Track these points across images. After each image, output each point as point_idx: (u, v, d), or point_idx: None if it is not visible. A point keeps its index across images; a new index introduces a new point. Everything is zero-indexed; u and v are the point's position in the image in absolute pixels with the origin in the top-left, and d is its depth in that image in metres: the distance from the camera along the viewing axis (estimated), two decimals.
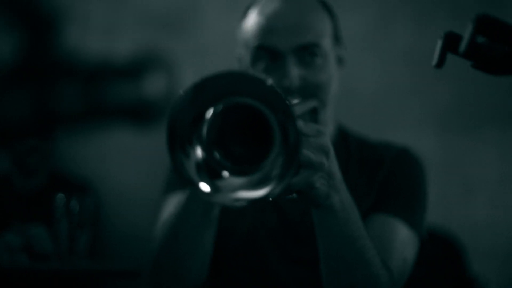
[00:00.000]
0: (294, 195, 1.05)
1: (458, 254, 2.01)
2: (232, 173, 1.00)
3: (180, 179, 0.99)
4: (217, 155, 1.00)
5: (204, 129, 0.99)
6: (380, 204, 1.40)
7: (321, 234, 1.15)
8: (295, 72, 1.37)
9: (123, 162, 3.02)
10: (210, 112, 0.99)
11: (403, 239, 1.35)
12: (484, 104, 2.86)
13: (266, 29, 1.39)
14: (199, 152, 0.99)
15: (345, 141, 1.50)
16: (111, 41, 2.98)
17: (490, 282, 2.48)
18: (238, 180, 0.99)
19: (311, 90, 1.38)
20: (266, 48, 1.39)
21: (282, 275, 1.42)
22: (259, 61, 1.39)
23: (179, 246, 1.30)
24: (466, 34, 0.83)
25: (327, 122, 1.44)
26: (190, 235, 1.29)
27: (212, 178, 0.99)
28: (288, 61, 1.37)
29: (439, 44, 0.87)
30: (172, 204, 1.39)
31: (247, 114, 0.99)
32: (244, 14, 1.46)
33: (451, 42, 0.86)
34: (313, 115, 1.39)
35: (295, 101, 1.31)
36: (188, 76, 2.86)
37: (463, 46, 0.83)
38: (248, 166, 1.00)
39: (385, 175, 1.45)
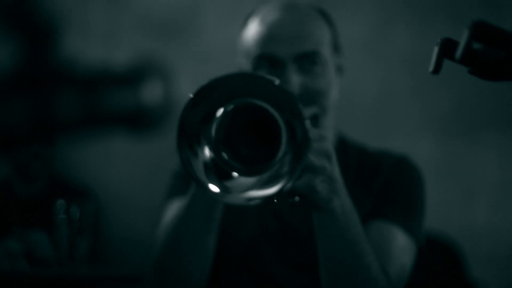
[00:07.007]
0: (297, 198, 1.07)
1: (457, 259, 2.01)
2: (241, 173, 1.02)
3: (188, 177, 1.00)
4: (225, 156, 1.02)
5: (213, 130, 1.01)
6: (378, 210, 1.41)
7: (321, 238, 1.17)
8: (295, 80, 1.38)
9: (122, 168, 3.02)
10: (219, 113, 1.01)
11: (401, 246, 1.36)
12: (484, 109, 2.87)
13: (267, 38, 1.41)
14: (207, 152, 1.01)
15: (344, 149, 1.52)
16: (111, 48, 2.99)
17: None
18: (248, 180, 1.01)
19: (312, 97, 1.40)
20: (267, 57, 1.40)
21: (282, 280, 1.43)
22: (260, 69, 1.41)
23: (181, 250, 1.31)
24: (462, 40, 0.84)
25: (327, 129, 1.46)
26: (192, 239, 1.30)
27: (221, 178, 1.01)
28: (288, 69, 1.39)
29: (435, 50, 0.88)
30: (175, 209, 1.40)
31: (254, 115, 1.01)
32: (243, 24, 1.47)
33: (447, 48, 0.87)
34: (314, 122, 1.41)
35: None
36: (187, 83, 2.87)
37: (459, 52, 0.84)
38: (257, 167, 1.01)
39: (383, 183, 1.46)
